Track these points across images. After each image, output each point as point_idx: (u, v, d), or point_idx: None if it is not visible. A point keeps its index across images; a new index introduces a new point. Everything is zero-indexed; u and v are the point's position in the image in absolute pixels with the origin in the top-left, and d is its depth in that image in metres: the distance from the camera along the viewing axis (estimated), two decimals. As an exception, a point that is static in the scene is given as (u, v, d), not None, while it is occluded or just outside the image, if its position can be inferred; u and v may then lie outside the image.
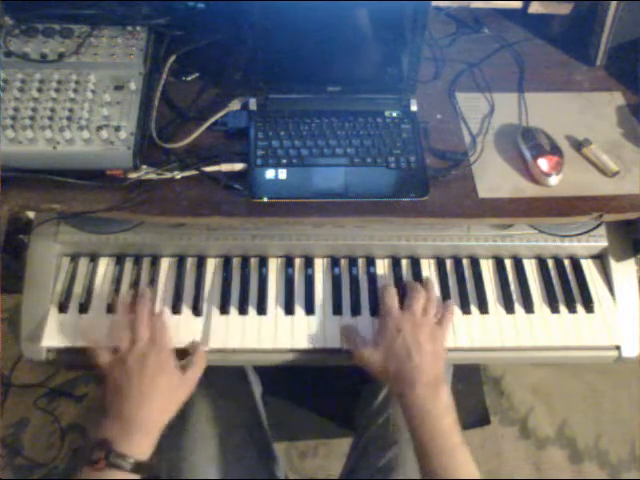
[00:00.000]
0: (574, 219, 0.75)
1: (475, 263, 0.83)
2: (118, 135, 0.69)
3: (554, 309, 0.80)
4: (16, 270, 0.82)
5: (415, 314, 0.72)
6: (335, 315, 0.78)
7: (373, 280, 0.81)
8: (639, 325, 0.79)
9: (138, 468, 0.61)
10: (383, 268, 0.83)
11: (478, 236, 0.82)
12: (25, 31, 0.77)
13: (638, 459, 1.33)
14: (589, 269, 0.83)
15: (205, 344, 0.75)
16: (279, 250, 0.82)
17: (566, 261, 0.84)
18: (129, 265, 0.81)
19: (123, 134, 0.70)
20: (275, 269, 0.82)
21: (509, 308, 0.80)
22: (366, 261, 0.83)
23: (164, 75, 0.80)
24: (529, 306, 0.80)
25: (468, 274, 0.83)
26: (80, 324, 0.75)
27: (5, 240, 0.82)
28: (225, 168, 0.73)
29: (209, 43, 0.85)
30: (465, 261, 0.84)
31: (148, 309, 0.73)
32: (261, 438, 0.87)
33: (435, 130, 0.79)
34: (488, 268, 0.83)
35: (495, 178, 0.75)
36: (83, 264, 0.81)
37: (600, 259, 0.84)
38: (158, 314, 0.74)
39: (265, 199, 0.71)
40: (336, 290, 0.80)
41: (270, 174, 0.73)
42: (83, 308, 0.77)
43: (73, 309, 0.77)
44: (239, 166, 0.73)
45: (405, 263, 0.83)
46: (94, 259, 0.81)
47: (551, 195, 0.74)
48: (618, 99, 0.84)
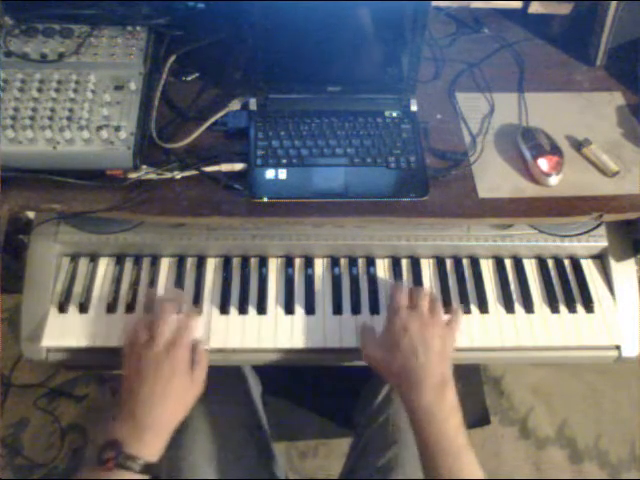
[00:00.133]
0: (574, 219, 0.75)
1: (475, 263, 0.83)
2: (118, 135, 0.69)
3: (554, 309, 0.80)
4: (16, 270, 0.82)
5: (423, 314, 0.72)
6: (335, 315, 0.78)
7: (373, 280, 0.81)
8: (639, 325, 0.79)
9: (147, 469, 0.61)
10: (383, 268, 0.83)
11: (478, 236, 0.82)
12: (25, 31, 0.77)
13: (638, 459, 1.33)
14: (589, 269, 0.84)
15: (205, 343, 0.75)
16: (279, 250, 0.82)
17: (566, 261, 0.84)
18: (129, 265, 0.81)
19: (123, 134, 0.70)
20: (275, 269, 0.82)
21: (509, 308, 0.80)
22: (366, 261, 0.83)
23: (164, 75, 0.80)
24: (529, 306, 0.80)
25: (468, 274, 0.83)
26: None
27: (5, 240, 0.82)
28: (225, 168, 0.73)
29: (209, 43, 0.85)
30: (465, 261, 0.84)
31: (173, 308, 0.71)
32: (261, 438, 0.87)
33: (435, 130, 0.79)
34: (488, 268, 0.83)
35: (495, 178, 0.75)
36: (83, 264, 0.81)
37: (600, 259, 0.84)
38: (186, 315, 0.72)
39: (265, 199, 0.71)
40: (336, 290, 0.80)
41: (270, 174, 0.73)
42: (83, 308, 0.77)
43: (73, 309, 0.77)
44: (239, 166, 0.73)
45: (405, 263, 0.83)
46: (94, 259, 0.81)
47: (551, 195, 0.74)
48: (618, 99, 0.84)
